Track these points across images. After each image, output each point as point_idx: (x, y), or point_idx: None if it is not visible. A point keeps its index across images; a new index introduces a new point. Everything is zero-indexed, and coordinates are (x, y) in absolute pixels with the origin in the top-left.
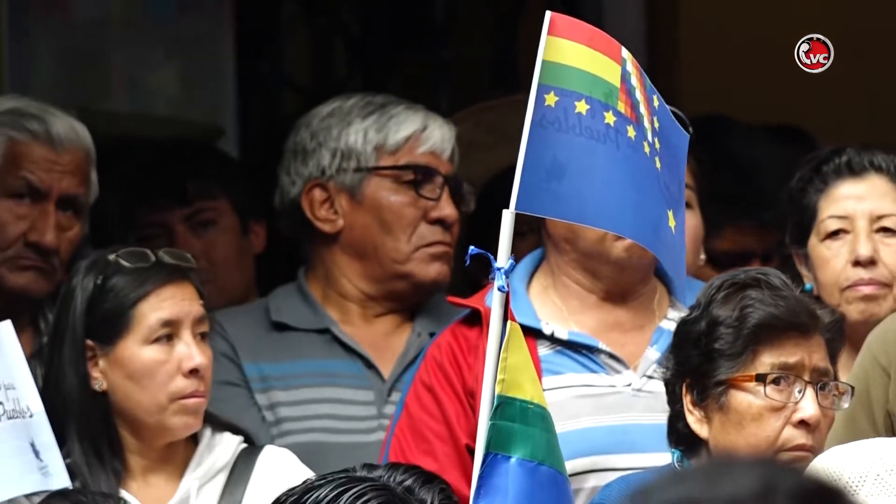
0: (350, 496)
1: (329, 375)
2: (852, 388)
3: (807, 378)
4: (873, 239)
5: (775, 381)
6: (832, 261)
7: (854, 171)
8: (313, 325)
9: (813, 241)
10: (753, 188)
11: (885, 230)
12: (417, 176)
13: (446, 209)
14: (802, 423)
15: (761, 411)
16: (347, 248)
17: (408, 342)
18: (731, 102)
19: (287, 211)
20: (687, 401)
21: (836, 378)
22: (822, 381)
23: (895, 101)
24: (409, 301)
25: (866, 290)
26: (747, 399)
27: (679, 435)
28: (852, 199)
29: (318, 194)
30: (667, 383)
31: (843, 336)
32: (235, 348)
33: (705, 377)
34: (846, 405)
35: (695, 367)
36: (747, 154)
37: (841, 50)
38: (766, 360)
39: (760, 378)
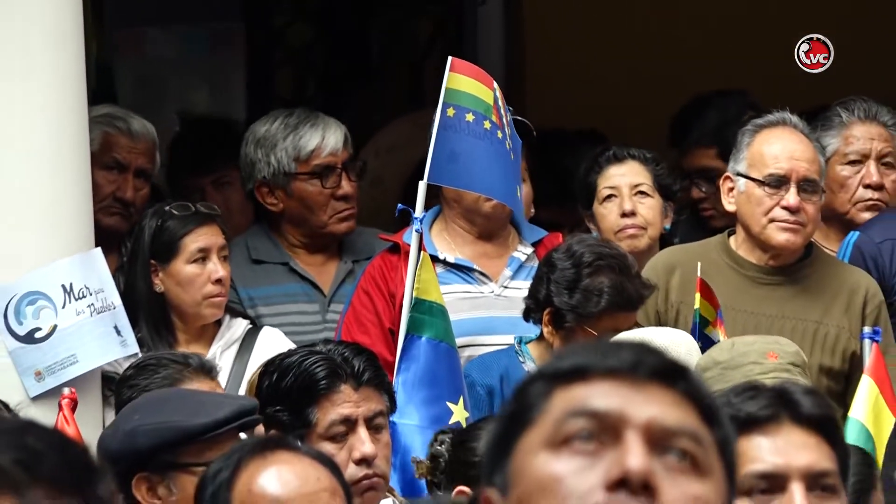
0: (308, 363)
1: (291, 295)
2: None
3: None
4: (633, 200)
5: None
6: (608, 216)
7: (618, 158)
8: (278, 260)
9: (595, 205)
10: (566, 184)
11: (640, 193)
12: (322, 173)
13: (346, 188)
14: None
15: None
16: (288, 220)
17: (338, 268)
18: (566, 108)
19: (249, 197)
20: (546, 318)
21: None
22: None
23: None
24: (333, 244)
25: (630, 231)
26: (582, 339)
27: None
28: (618, 175)
29: (264, 190)
30: (537, 290)
31: None
32: (232, 278)
33: (562, 318)
34: None
35: (557, 307)
36: (565, 160)
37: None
38: (604, 324)
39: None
